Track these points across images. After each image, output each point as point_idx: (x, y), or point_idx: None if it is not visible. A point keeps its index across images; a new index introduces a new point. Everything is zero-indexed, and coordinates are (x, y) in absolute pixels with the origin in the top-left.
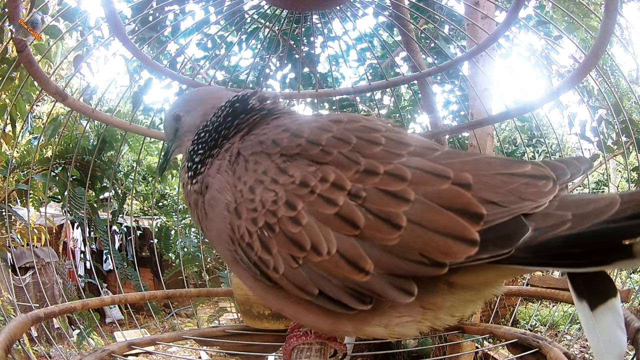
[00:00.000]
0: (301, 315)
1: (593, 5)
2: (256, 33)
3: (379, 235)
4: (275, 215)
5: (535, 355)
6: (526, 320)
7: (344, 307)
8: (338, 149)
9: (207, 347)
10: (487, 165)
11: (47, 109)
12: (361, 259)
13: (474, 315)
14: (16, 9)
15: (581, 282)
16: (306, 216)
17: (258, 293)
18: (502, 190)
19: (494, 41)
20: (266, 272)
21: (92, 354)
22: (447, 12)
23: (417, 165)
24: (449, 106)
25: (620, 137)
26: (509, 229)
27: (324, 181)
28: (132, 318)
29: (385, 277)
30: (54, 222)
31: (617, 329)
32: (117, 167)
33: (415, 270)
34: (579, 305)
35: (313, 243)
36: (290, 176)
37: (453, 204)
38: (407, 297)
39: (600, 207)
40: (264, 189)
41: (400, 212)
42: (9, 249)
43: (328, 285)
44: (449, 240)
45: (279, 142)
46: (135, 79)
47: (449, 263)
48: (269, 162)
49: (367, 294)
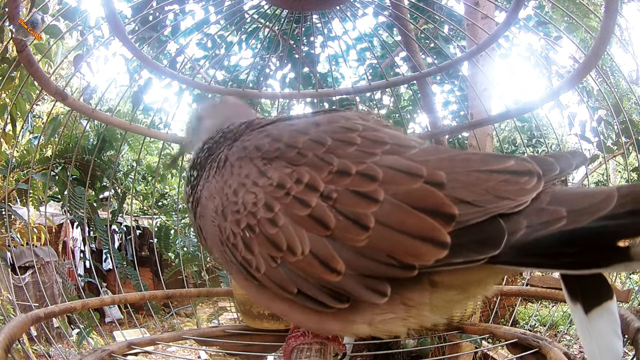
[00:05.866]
0: (289, 313)
1: (593, 6)
2: (256, 33)
3: (348, 236)
4: (255, 217)
5: (535, 355)
6: (526, 321)
7: (323, 306)
8: (313, 150)
9: (206, 347)
10: (464, 163)
11: (47, 109)
12: (332, 259)
13: (474, 315)
14: (16, 8)
15: (575, 283)
16: (282, 217)
17: (250, 292)
18: (478, 189)
19: (493, 41)
20: (250, 271)
21: (92, 353)
22: (447, 12)
23: (389, 164)
24: (449, 106)
25: (620, 137)
26: (484, 232)
27: (299, 183)
28: (131, 318)
29: (357, 278)
30: (53, 221)
31: (613, 335)
32: (117, 166)
33: (385, 272)
34: (572, 308)
35: (289, 243)
36: (269, 178)
37: (423, 203)
38: (379, 297)
39: (597, 202)
40: (246, 192)
41: (368, 212)
42: (9, 248)
43: (305, 284)
44: (417, 242)
45: (261, 147)
46: (135, 79)
47: (417, 266)
48: (251, 165)
49: (342, 292)
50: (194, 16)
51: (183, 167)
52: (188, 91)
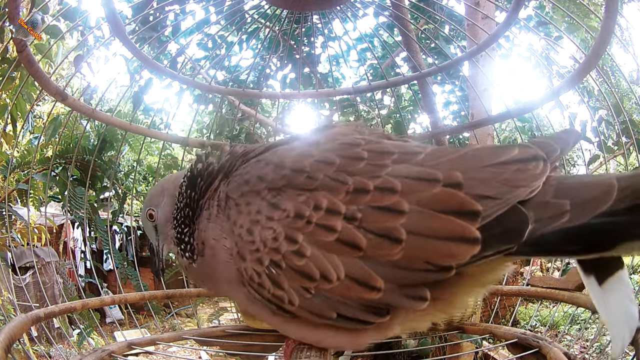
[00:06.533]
0: (324, 338)
1: (593, 6)
2: (256, 33)
3: (382, 252)
4: (279, 252)
5: (535, 355)
6: (526, 321)
7: (364, 324)
8: (323, 172)
9: (207, 347)
10: (475, 160)
11: (47, 109)
12: (370, 278)
13: (474, 315)
14: (16, 9)
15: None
16: (309, 247)
17: (278, 327)
18: (494, 183)
19: (494, 41)
20: (282, 306)
21: (92, 353)
22: (448, 12)
23: (404, 173)
24: (449, 106)
25: (621, 137)
26: (508, 221)
27: (318, 209)
28: (132, 318)
29: (397, 290)
30: (54, 221)
31: (628, 301)
32: (117, 167)
33: (424, 278)
34: (586, 281)
35: (321, 272)
36: (284, 210)
37: (447, 206)
38: (421, 303)
39: (598, 195)
40: (261, 229)
41: (397, 225)
42: (9, 249)
43: (344, 307)
44: (451, 243)
45: (264, 176)
46: (135, 79)
47: (455, 265)
48: (259, 200)
49: (384, 307)
50: (194, 16)
51: (183, 167)
52: (189, 91)
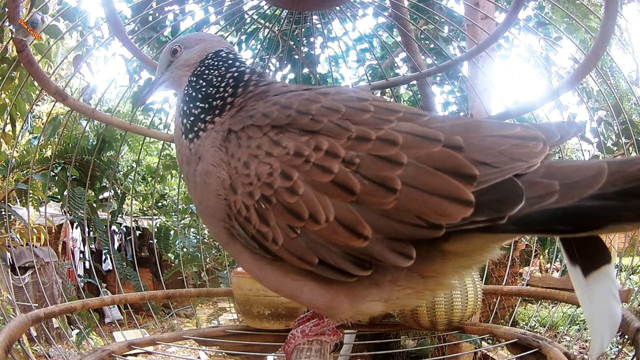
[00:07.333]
0: (299, 291)
1: (593, 6)
2: (256, 33)
3: (375, 199)
4: (271, 187)
5: (535, 355)
6: (525, 322)
7: (344, 275)
8: (328, 117)
9: (206, 347)
10: (477, 128)
11: (47, 109)
12: (359, 224)
13: (474, 316)
14: (16, 9)
15: (574, 245)
16: (302, 185)
17: (255, 272)
18: (494, 152)
19: (493, 41)
20: (265, 244)
21: (92, 354)
22: (447, 12)
23: (407, 130)
24: (449, 107)
25: (620, 138)
26: (503, 191)
27: (318, 150)
28: (131, 318)
29: (384, 242)
30: (53, 222)
31: (611, 298)
32: (116, 167)
33: (413, 233)
34: (571, 271)
35: (311, 212)
36: (284, 147)
37: (445, 165)
38: (406, 260)
39: (588, 178)
40: (258, 163)
41: (394, 175)
42: (9, 249)
43: (328, 253)
44: (445, 201)
45: (269, 114)
46: (135, 79)
47: (445, 225)
48: (260, 135)
49: (367, 259)
50: (193, 17)
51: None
52: None
